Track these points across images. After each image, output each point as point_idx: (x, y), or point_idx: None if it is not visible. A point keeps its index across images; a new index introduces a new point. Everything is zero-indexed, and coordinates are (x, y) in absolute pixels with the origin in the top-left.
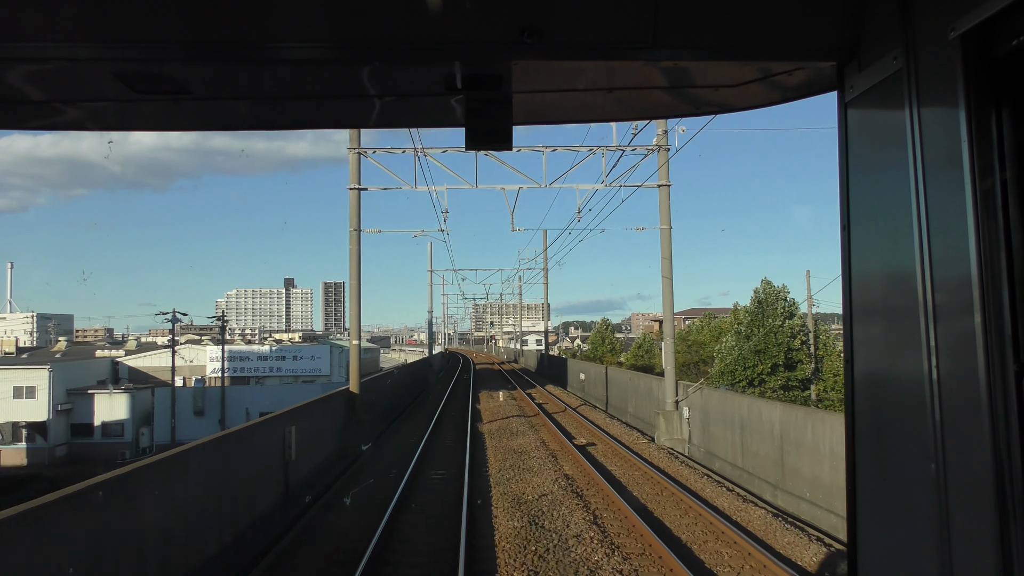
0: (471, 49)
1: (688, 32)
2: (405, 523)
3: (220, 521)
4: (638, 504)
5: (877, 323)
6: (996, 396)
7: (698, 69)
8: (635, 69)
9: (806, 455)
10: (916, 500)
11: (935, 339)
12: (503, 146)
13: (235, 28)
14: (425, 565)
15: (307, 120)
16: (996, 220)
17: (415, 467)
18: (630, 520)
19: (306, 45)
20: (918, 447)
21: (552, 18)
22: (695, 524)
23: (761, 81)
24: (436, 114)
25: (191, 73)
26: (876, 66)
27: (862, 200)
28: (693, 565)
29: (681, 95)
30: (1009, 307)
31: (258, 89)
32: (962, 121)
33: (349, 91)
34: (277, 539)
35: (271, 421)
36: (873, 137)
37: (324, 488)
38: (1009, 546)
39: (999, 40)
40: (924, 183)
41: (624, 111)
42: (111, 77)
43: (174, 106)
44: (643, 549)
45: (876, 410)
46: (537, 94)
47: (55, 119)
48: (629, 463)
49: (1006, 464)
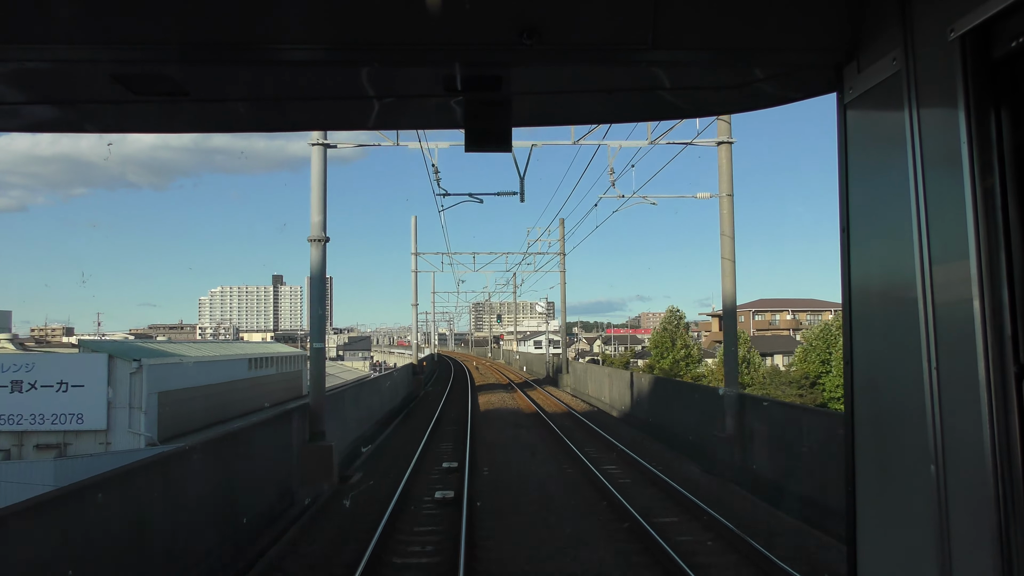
0: (470, 51)
1: (687, 34)
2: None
3: None
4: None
5: (877, 324)
6: (996, 398)
7: (697, 71)
8: (635, 71)
9: None
10: (916, 501)
11: (935, 340)
12: (502, 147)
13: (234, 30)
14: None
15: (306, 121)
16: (996, 221)
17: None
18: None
19: (305, 47)
20: (918, 448)
21: (551, 19)
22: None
23: (760, 83)
24: (435, 115)
25: (190, 75)
26: (875, 67)
27: (861, 201)
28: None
29: (680, 96)
30: (1009, 308)
31: (257, 91)
32: (961, 122)
33: (348, 92)
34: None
35: None
36: (872, 138)
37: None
38: (1009, 547)
39: (998, 41)
40: (924, 184)
41: (623, 112)
42: (109, 79)
43: (173, 108)
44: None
45: (876, 411)
46: (536, 95)
47: (53, 121)
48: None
49: (1006, 466)
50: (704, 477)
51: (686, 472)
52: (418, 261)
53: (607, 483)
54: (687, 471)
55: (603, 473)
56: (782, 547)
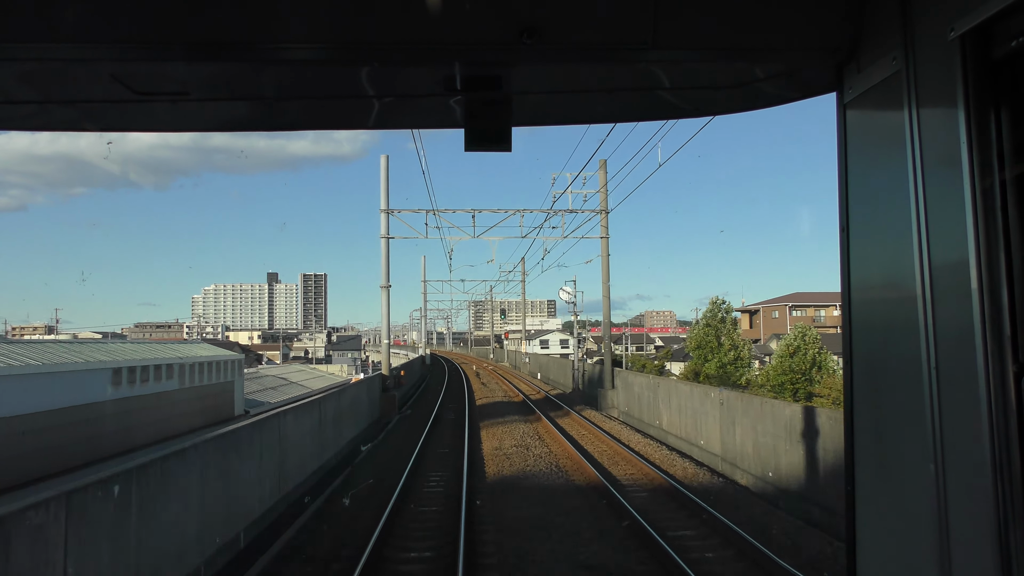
0: (470, 50)
1: (688, 33)
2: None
3: None
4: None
5: (876, 324)
6: (995, 396)
7: (697, 70)
8: (635, 70)
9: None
10: (915, 500)
11: (934, 340)
12: (502, 147)
13: (234, 29)
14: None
15: (306, 121)
16: (995, 220)
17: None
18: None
19: (305, 46)
20: (917, 447)
21: (551, 19)
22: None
23: (760, 82)
24: (435, 115)
25: (190, 74)
26: (875, 67)
27: (861, 201)
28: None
29: (680, 96)
30: (1008, 307)
31: (257, 90)
32: (961, 121)
33: (348, 92)
34: None
35: None
36: (872, 138)
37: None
38: (1008, 545)
39: (998, 41)
40: (923, 183)
41: (624, 112)
42: (110, 78)
43: (173, 107)
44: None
45: (875, 410)
46: (536, 95)
47: (53, 120)
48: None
49: (1005, 464)
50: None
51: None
52: (391, 222)
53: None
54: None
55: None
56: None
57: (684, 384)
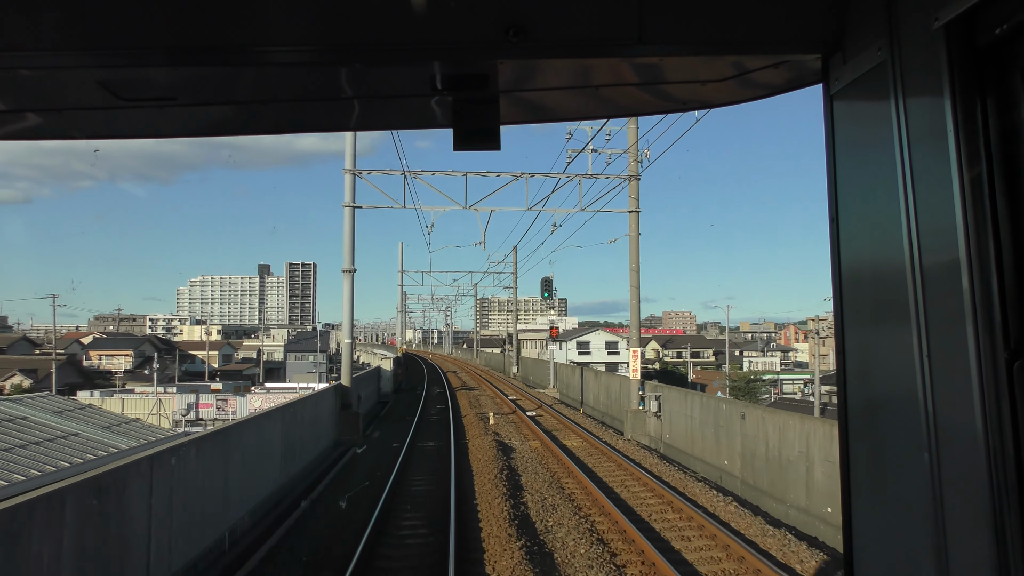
0: (456, 49)
1: (673, 28)
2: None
3: None
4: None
5: (868, 314)
6: (987, 383)
7: (684, 65)
8: (621, 66)
9: None
10: (910, 489)
11: (926, 328)
12: (491, 146)
13: (219, 33)
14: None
15: (293, 124)
16: (983, 208)
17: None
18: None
19: (290, 48)
20: (911, 436)
21: (538, 16)
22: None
23: (747, 75)
24: (422, 115)
25: (175, 79)
26: (861, 58)
27: (850, 192)
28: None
29: (667, 92)
30: (998, 294)
31: (244, 94)
32: (947, 110)
33: (334, 94)
34: None
35: None
36: (859, 129)
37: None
38: (1003, 535)
39: (982, 29)
40: (911, 173)
41: (610, 109)
42: (95, 85)
43: (160, 113)
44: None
45: (869, 400)
46: (524, 93)
47: (38, 128)
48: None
49: (999, 451)
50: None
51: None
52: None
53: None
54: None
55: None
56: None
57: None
